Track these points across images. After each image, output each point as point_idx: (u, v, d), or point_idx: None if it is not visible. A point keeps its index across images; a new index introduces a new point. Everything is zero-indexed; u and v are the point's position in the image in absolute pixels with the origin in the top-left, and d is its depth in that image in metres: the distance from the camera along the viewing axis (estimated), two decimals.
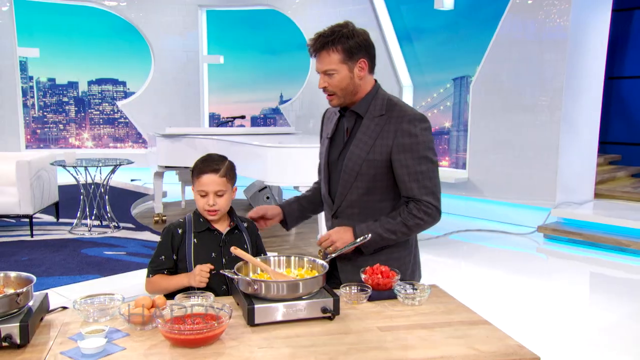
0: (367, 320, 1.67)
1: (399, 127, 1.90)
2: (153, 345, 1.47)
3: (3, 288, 1.57)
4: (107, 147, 11.92)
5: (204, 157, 2.07)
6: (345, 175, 1.98)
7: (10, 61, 9.52)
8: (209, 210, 2.00)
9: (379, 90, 2.01)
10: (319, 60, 1.92)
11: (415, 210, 1.91)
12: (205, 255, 2.01)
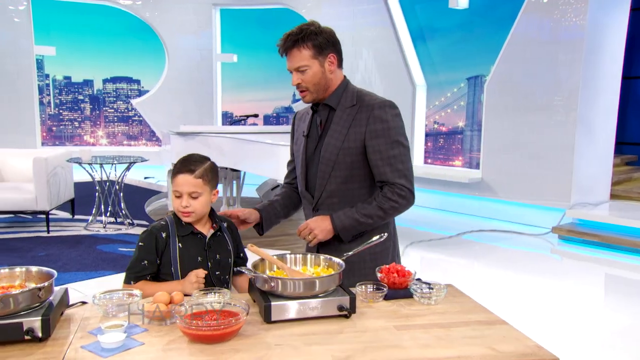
0: (383, 318, 1.67)
1: (371, 113, 1.98)
2: (171, 341, 1.48)
3: (24, 282, 1.60)
4: (121, 145, 12.02)
5: (184, 157, 2.01)
6: (323, 166, 2.03)
7: (28, 60, 9.64)
8: (182, 212, 1.95)
9: (348, 84, 2.09)
10: (291, 58, 1.99)
11: (389, 193, 1.96)
12: (191, 259, 1.96)
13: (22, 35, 9.55)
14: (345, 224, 1.98)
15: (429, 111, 8.10)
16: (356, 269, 2.05)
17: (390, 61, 8.13)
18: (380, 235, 1.96)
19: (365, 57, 8.56)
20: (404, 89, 8.02)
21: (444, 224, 6.83)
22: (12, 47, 9.53)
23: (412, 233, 6.31)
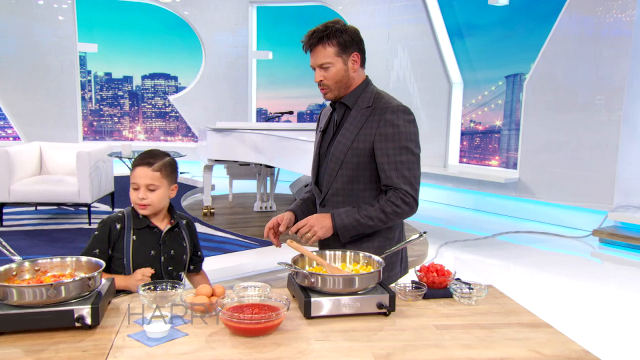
0: (422, 317, 1.67)
1: (383, 117, 1.96)
2: (214, 333, 1.51)
3: (74, 272, 1.65)
4: (158, 140, 12.26)
5: (145, 151, 2.07)
6: (332, 164, 2.03)
7: (71, 56, 9.93)
8: (139, 204, 1.97)
9: (368, 84, 2.08)
10: (314, 55, 1.99)
11: (393, 197, 1.95)
12: (144, 252, 1.98)
13: (66, 33, 9.84)
14: (345, 222, 1.95)
15: (465, 109, 7.98)
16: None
17: (426, 59, 8.04)
18: (420, 234, 1.95)
19: (401, 54, 8.48)
20: (440, 87, 7.93)
21: (478, 224, 6.73)
22: (57, 44, 9.84)
23: (446, 233, 6.24)
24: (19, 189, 5.44)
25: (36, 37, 9.70)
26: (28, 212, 6.19)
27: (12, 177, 5.46)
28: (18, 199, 5.46)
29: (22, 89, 9.75)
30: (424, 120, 8.29)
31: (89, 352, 1.35)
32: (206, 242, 5.16)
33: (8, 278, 1.55)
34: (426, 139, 7.90)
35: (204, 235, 5.48)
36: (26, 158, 5.77)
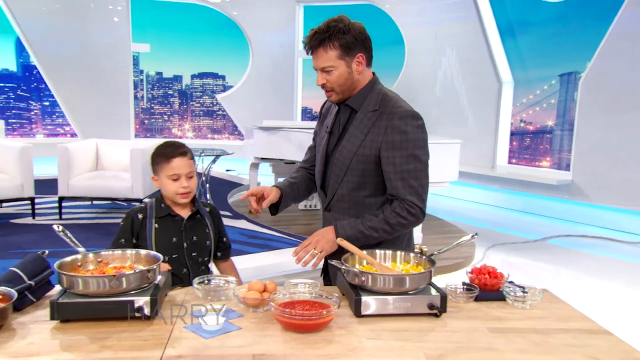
0: (475, 320, 1.64)
1: (390, 123, 1.86)
2: (266, 327, 1.53)
3: (134, 264, 1.71)
4: (205, 138, 12.54)
5: (166, 144, 2.11)
6: (337, 169, 1.95)
7: (125, 56, 10.29)
8: (182, 193, 2.02)
9: (375, 84, 1.96)
10: (316, 58, 1.88)
11: (398, 208, 1.87)
12: (166, 239, 2.03)
13: (121, 34, 10.19)
14: (349, 234, 1.88)
15: (515, 109, 7.78)
16: None
17: (476, 57, 7.88)
18: (472, 236, 1.92)
19: (449, 53, 8.35)
20: (489, 86, 7.75)
21: (527, 227, 6.55)
22: (112, 45, 10.20)
23: (493, 235, 6.10)
24: (77, 184, 5.68)
25: (92, 38, 10.09)
26: (84, 206, 6.46)
27: (70, 172, 5.71)
28: (76, 194, 5.71)
29: (79, 88, 10.17)
30: (471, 120, 8.13)
31: (148, 342, 1.40)
32: (252, 239, 5.24)
33: (74, 268, 1.63)
34: (473, 139, 7.76)
35: (250, 232, 5.57)
36: (83, 155, 6.02)
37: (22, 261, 1.67)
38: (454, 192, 7.61)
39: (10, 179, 5.54)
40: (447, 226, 6.30)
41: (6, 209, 6.13)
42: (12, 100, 11.34)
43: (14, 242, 4.85)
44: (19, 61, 11.30)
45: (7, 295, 1.50)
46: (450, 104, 8.44)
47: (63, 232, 1.71)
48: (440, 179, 4.83)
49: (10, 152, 5.66)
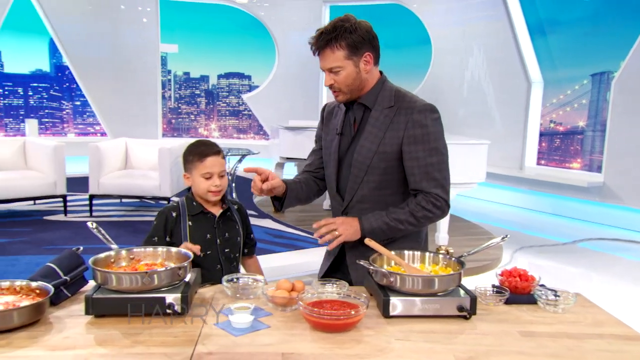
0: (505, 323, 1.62)
1: (410, 117, 1.85)
2: (294, 326, 1.54)
3: (165, 261, 1.74)
4: (231, 138, 12.65)
5: (200, 142, 2.13)
6: (355, 170, 1.92)
7: (153, 57, 10.45)
8: (214, 192, 2.04)
9: (385, 81, 1.95)
10: (323, 58, 1.86)
11: (424, 202, 1.86)
12: (201, 236, 2.05)
13: (150, 35, 10.36)
14: (374, 226, 1.87)
15: (545, 109, 7.64)
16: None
17: (504, 56, 7.76)
18: (502, 237, 1.90)
19: (476, 52, 8.25)
20: (518, 86, 7.63)
21: (556, 230, 6.42)
22: (141, 45, 10.38)
23: (521, 237, 6.01)
24: (107, 182, 5.81)
25: (122, 39, 10.28)
26: (114, 204, 6.58)
27: (101, 171, 5.84)
28: (106, 192, 5.83)
29: (109, 88, 10.37)
30: (498, 121, 8.01)
31: (179, 338, 1.43)
32: (278, 238, 5.27)
33: (107, 265, 1.66)
34: (500, 139, 7.65)
35: (276, 231, 5.60)
36: (113, 153, 6.14)
37: (57, 257, 1.71)
38: (481, 194, 7.51)
39: (43, 177, 5.69)
40: (473, 228, 6.23)
41: (39, 205, 6.29)
42: (45, 100, 11.65)
43: (46, 238, 4.98)
44: (52, 62, 11.59)
45: (44, 290, 1.54)
46: (477, 104, 8.34)
47: (97, 229, 1.75)
48: (467, 180, 4.77)
49: (44, 150, 5.81)
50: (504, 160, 7.77)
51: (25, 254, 4.48)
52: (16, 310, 1.41)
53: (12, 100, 11.44)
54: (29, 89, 11.56)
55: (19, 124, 11.43)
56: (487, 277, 4.47)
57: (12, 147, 6.02)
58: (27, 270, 4.04)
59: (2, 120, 11.44)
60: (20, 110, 11.51)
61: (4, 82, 11.34)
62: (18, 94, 11.46)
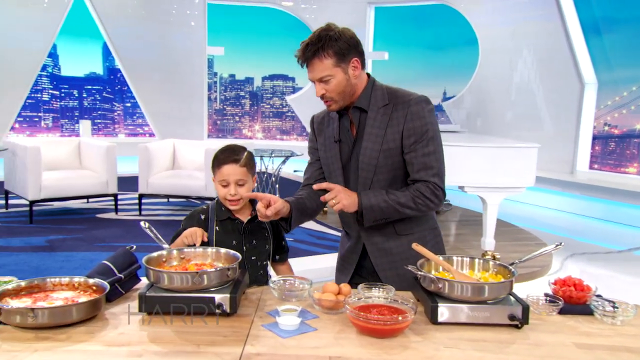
0: (560, 334, 1.56)
1: (408, 110, 1.89)
2: (341, 330, 1.54)
3: (214, 262, 1.78)
4: (274, 139, 12.79)
5: (224, 148, 2.07)
6: (363, 172, 1.94)
7: (200, 59, 10.69)
8: (230, 200, 2.00)
9: (375, 82, 1.97)
10: (312, 69, 1.87)
11: (423, 188, 1.89)
12: (227, 242, 2.01)
13: (197, 38, 10.60)
14: (372, 202, 1.86)
15: (599, 111, 7.35)
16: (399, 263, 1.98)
17: (556, 57, 7.52)
18: (556, 245, 1.84)
19: (525, 53, 8.03)
20: (570, 87, 7.38)
21: (610, 237, 6.17)
22: (188, 48, 10.63)
23: (572, 244, 5.80)
24: (155, 182, 5.97)
25: (171, 42, 10.56)
26: (161, 203, 6.77)
27: (150, 171, 6.01)
28: (154, 191, 6.00)
29: (158, 91, 10.67)
30: (548, 123, 7.77)
31: (228, 338, 1.45)
32: (320, 240, 5.28)
33: (159, 264, 1.71)
34: (550, 142, 7.42)
35: (318, 233, 5.61)
36: (162, 154, 6.31)
37: (112, 255, 1.78)
38: (529, 198, 7.31)
39: (96, 176, 5.91)
40: (521, 233, 6.06)
41: (93, 204, 6.54)
42: (98, 101, 12.11)
43: (99, 235, 5.17)
44: (105, 65, 12.05)
45: (100, 287, 1.60)
46: (526, 106, 8.12)
47: (149, 228, 1.80)
48: (516, 184, 4.65)
49: (97, 151, 6.04)
50: (553, 163, 7.53)
51: (79, 250, 4.66)
52: (75, 306, 1.47)
53: (68, 102, 11.96)
54: (83, 91, 12.05)
55: (73, 124, 11.94)
56: (536, 284, 4.34)
57: (68, 148, 6.29)
58: (82, 266, 4.21)
59: (59, 121, 11.97)
60: (75, 112, 12.02)
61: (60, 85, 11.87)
62: (73, 96, 11.98)
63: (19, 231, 5.22)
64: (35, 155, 5.44)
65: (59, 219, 5.79)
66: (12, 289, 1.56)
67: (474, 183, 4.56)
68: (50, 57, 10.76)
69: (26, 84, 9.85)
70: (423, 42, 10.70)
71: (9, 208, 6.10)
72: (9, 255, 4.46)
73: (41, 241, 4.89)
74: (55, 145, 6.25)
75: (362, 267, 2.10)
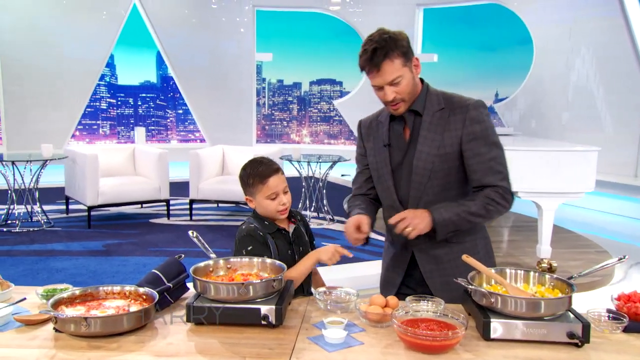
0: (625, 354, 1.47)
1: (466, 115, 1.85)
2: (389, 345, 1.50)
3: (259, 272, 1.78)
4: (321, 144, 12.81)
5: (256, 162, 2.01)
6: (417, 177, 1.89)
7: (249, 66, 10.87)
8: (282, 210, 1.97)
9: (429, 86, 1.95)
10: (382, 73, 1.81)
11: (493, 194, 1.84)
12: (284, 254, 1.97)
13: (246, 45, 10.78)
14: (445, 217, 1.82)
15: None
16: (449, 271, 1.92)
17: (617, 54, 7.17)
18: (619, 258, 1.74)
19: (584, 51, 7.69)
20: (633, 87, 7.01)
21: None
22: (238, 55, 10.83)
23: (636, 251, 5.49)
24: (205, 187, 6.10)
25: (221, 50, 10.79)
26: (211, 208, 6.90)
27: (200, 177, 6.14)
28: (204, 197, 6.13)
29: (208, 97, 10.92)
30: (609, 124, 7.41)
31: (274, 351, 1.44)
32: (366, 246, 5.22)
33: (206, 274, 1.73)
34: (610, 145, 7.06)
35: None
36: (212, 160, 6.44)
37: (162, 264, 1.81)
38: (589, 203, 6.98)
39: (149, 182, 6.10)
40: (580, 240, 5.79)
41: (146, 209, 6.75)
42: (152, 109, 12.53)
43: (152, 240, 5.32)
44: (159, 73, 12.46)
45: (150, 296, 1.63)
46: (584, 107, 7.77)
47: (197, 238, 1.82)
48: (574, 189, 4.44)
49: (150, 157, 6.23)
50: (614, 166, 7.17)
51: (134, 255, 4.81)
52: (126, 315, 1.50)
53: (124, 109, 12.44)
54: (138, 99, 12.51)
55: (129, 131, 12.40)
56: (597, 295, 4.12)
57: (124, 155, 6.52)
58: (136, 270, 4.34)
59: (116, 129, 12.47)
60: (130, 119, 12.49)
61: (117, 94, 12.36)
62: (129, 103, 12.45)
63: (78, 236, 5.45)
64: (93, 163, 5.67)
65: (115, 224, 6.00)
66: (67, 297, 1.61)
67: (529, 189, 4.39)
68: (107, 66, 11.22)
69: (86, 93, 10.32)
70: (473, 42, 10.46)
71: (69, 213, 6.38)
72: (69, 259, 4.66)
73: (98, 245, 5.09)
74: (112, 152, 6.49)
75: (410, 277, 2.05)
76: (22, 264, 4.46)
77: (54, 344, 1.46)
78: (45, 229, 5.67)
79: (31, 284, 4.03)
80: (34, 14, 9.66)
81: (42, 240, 5.22)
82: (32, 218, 5.92)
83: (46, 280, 4.05)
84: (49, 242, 5.16)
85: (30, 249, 4.93)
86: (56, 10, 9.81)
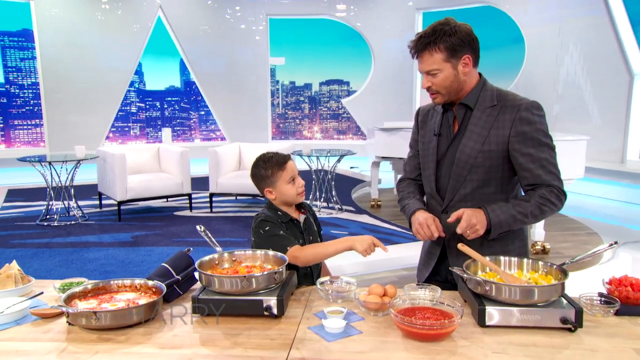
0: (617, 338, 1.35)
1: (517, 115, 1.69)
2: (387, 333, 1.40)
3: (263, 264, 1.68)
4: (331, 139, 12.70)
5: (267, 156, 1.97)
6: (458, 169, 1.75)
7: (263, 69, 10.76)
8: (301, 193, 1.94)
9: (486, 82, 1.79)
10: (422, 61, 1.71)
11: (548, 194, 1.69)
12: (296, 242, 1.86)
13: (261, 50, 10.68)
14: (501, 219, 1.66)
15: None
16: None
17: (603, 51, 6.94)
18: (610, 244, 1.61)
19: (572, 48, 7.46)
20: (618, 79, 6.78)
21: None
22: (253, 60, 10.73)
23: (623, 231, 5.32)
24: (224, 182, 6.03)
25: (238, 56, 10.70)
26: (229, 201, 6.84)
27: (219, 172, 6.07)
28: (223, 190, 6.06)
29: (227, 99, 10.85)
30: (597, 115, 7.19)
31: (275, 341, 1.35)
32: (374, 233, 5.12)
33: (212, 267, 1.64)
34: (598, 134, 6.85)
35: (372, 226, 5.46)
36: (229, 156, 6.36)
37: (171, 258, 1.72)
38: (579, 188, 6.79)
39: (173, 178, 6.04)
40: (571, 223, 5.63)
41: (171, 202, 6.71)
42: (177, 111, 12.50)
43: (175, 231, 5.27)
44: (182, 78, 12.41)
45: (159, 289, 1.55)
46: (573, 100, 7.55)
47: (204, 232, 1.73)
48: (565, 176, 4.25)
49: (173, 155, 6.17)
50: (603, 154, 6.96)
51: (158, 245, 4.76)
52: (135, 308, 1.42)
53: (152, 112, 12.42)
54: (165, 103, 12.48)
55: (157, 132, 12.39)
56: (586, 274, 3.98)
57: (150, 153, 6.47)
58: (159, 259, 4.29)
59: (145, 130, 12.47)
60: (157, 121, 12.47)
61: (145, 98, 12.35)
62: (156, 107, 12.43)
63: (109, 228, 5.42)
64: (121, 162, 5.62)
65: (143, 217, 5.96)
66: (80, 291, 1.54)
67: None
68: (136, 74, 11.20)
69: (118, 98, 10.31)
70: None
71: (102, 208, 6.36)
72: (100, 250, 4.62)
73: (127, 237, 5.05)
74: (139, 152, 6.45)
75: (437, 273, 1.90)
76: (58, 255, 4.43)
77: (65, 337, 1.38)
78: (81, 222, 5.65)
79: (65, 274, 4.00)
80: (73, 31, 9.70)
81: (78, 233, 5.20)
82: (69, 213, 5.91)
83: (79, 269, 4.01)
84: (83, 235, 5.13)
85: (66, 241, 4.91)
86: (92, 26, 9.83)
